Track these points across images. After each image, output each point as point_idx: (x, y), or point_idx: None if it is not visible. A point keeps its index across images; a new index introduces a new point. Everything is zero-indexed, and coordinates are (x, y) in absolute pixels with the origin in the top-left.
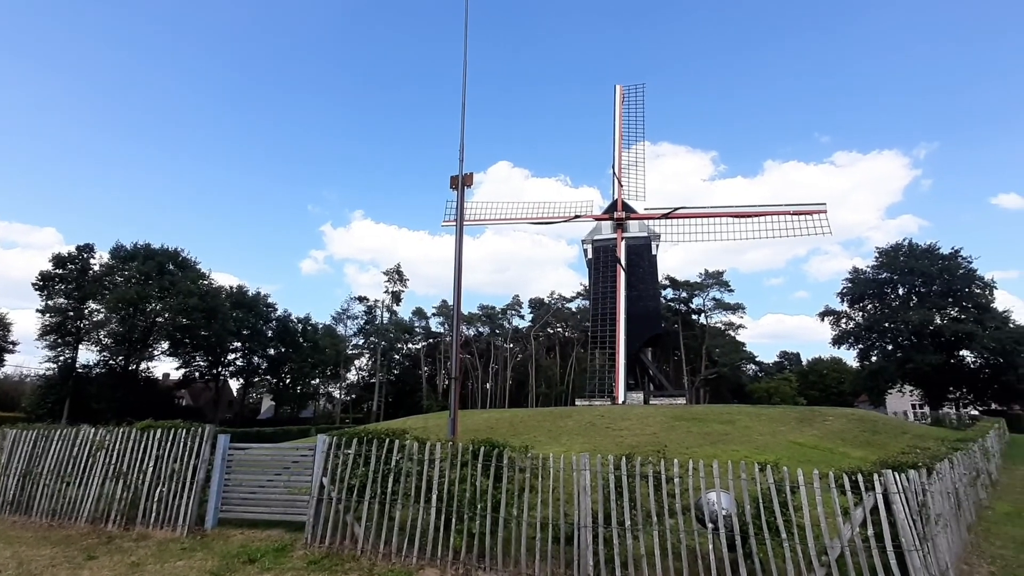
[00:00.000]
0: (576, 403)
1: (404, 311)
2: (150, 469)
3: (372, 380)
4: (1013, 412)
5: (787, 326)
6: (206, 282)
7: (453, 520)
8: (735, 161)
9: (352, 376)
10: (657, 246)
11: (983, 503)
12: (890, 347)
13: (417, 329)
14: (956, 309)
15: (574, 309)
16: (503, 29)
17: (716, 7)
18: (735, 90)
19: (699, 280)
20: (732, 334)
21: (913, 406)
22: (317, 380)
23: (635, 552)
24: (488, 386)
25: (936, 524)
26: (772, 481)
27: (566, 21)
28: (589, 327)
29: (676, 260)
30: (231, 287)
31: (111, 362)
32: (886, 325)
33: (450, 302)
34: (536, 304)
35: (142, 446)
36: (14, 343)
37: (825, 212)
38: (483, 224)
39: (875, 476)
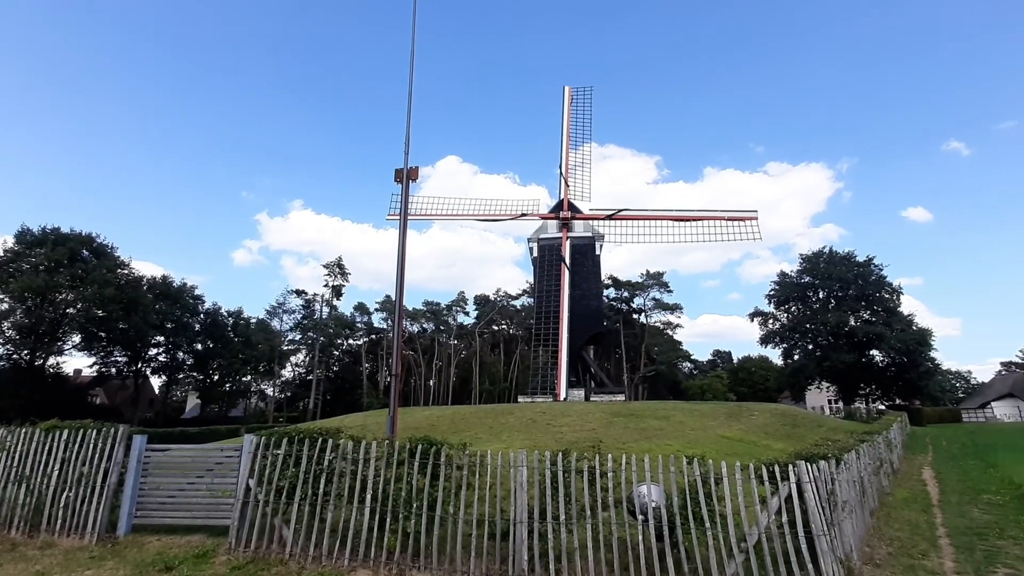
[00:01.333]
0: (519, 400)
1: (345, 306)
2: (55, 472)
3: (309, 377)
4: (914, 407)
5: (721, 326)
6: (125, 271)
7: (388, 520)
8: (678, 166)
9: (288, 373)
10: (601, 246)
11: (885, 490)
12: (810, 346)
13: (359, 325)
14: (868, 312)
15: (519, 307)
16: (457, 24)
17: (661, 19)
18: (679, 98)
19: (640, 280)
20: (670, 333)
21: (829, 401)
22: (249, 377)
23: (569, 546)
24: (431, 383)
25: (843, 510)
26: (698, 473)
27: (520, 20)
28: (533, 325)
29: (619, 260)
30: (154, 277)
31: (15, 356)
32: (808, 326)
33: (394, 297)
34: (481, 301)
35: (46, 448)
36: None
37: (756, 219)
38: (429, 219)
39: (790, 467)
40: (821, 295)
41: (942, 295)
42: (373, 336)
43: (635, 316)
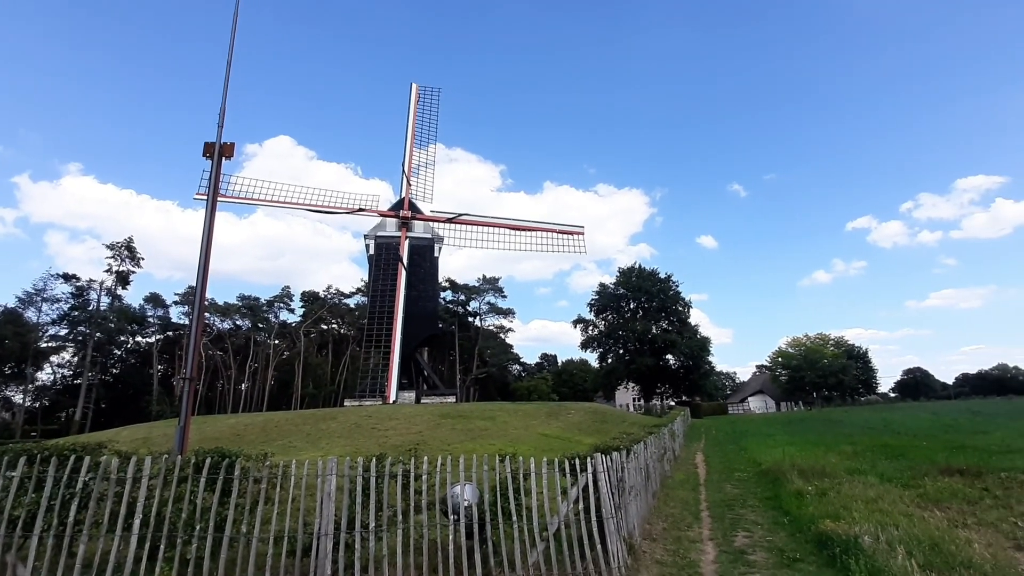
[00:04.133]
0: (345, 404)
1: (134, 296)
2: None
3: (78, 381)
4: (695, 402)
5: (550, 331)
6: None
7: (162, 547)
8: (521, 177)
9: (46, 376)
10: (440, 248)
11: (667, 474)
12: (621, 351)
13: (151, 320)
14: (666, 322)
15: (352, 305)
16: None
17: (512, 38)
18: (526, 113)
19: (477, 285)
20: (503, 337)
21: (633, 399)
22: None
23: (377, 553)
24: (243, 387)
25: (629, 495)
26: (509, 470)
27: (373, 10)
28: (366, 324)
29: (458, 264)
30: None
31: None
32: (620, 333)
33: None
34: (310, 298)
35: None
36: None
37: (583, 234)
38: (252, 204)
39: (588, 459)
40: (632, 306)
41: (721, 309)
42: (170, 333)
43: (470, 319)
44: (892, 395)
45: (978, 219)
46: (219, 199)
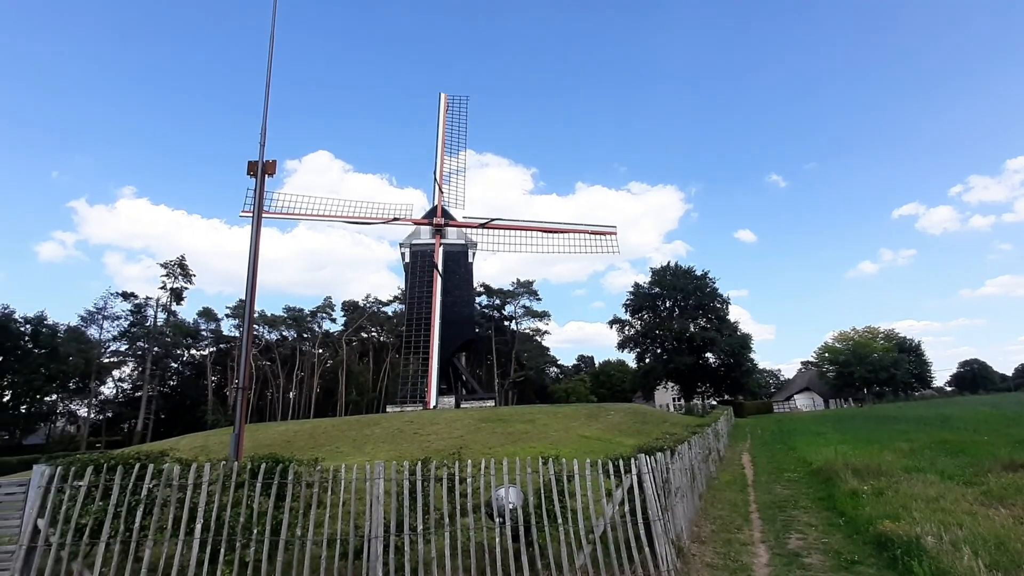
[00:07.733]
0: (387, 410)
1: (188, 312)
2: None
3: (138, 394)
4: (738, 401)
5: (586, 332)
6: None
7: (222, 550)
8: (552, 179)
9: (109, 390)
10: (474, 254)
11: (712, 475)
12: (659, 350)
13: (204, 333)
14: (704, 320)
15: (390, 313)
16: (336, 18)
17: (541, 43)
18: (556, 116)
19: (512, 289)
20: (539, 339)
21: (673, 399)
22: (55, 396)
23: (426, 556)
24: (291, 395)
25: (675, 496)
26: (553, 473)
27: (404, 23)
28: (404, 332)
29: (493, 268)
30: None
31: None
32: (656, 332)
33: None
34: (350, 307)
35: None
36: None
37: (615, 234)
38: (293, 218)
39: (632, 460)
40: (668, 304)
41: (762, 305)
42: (222, 345)
43: (506, 323)
44: (948, 389)
45: None
46: (263, 215)
